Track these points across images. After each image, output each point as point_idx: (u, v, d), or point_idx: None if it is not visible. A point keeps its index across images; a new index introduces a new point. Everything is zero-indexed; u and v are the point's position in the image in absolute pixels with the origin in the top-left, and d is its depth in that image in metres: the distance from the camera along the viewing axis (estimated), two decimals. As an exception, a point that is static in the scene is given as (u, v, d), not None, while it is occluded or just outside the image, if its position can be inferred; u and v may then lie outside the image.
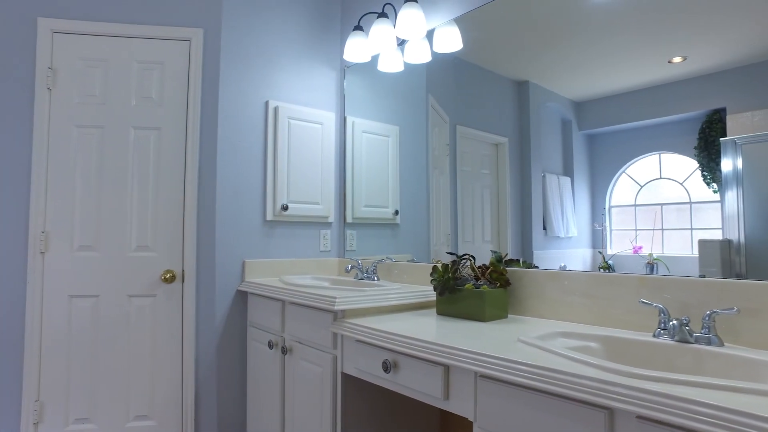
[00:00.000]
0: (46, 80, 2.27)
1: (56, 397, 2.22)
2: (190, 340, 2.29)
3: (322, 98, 2.70)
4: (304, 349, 1.93)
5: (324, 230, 2.67)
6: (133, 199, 2.31)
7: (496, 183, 1.93)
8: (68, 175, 2.28)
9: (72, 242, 2.27)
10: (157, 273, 2.30)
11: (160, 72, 2.36)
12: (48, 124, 2.27)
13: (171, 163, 2.34)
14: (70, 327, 2.25)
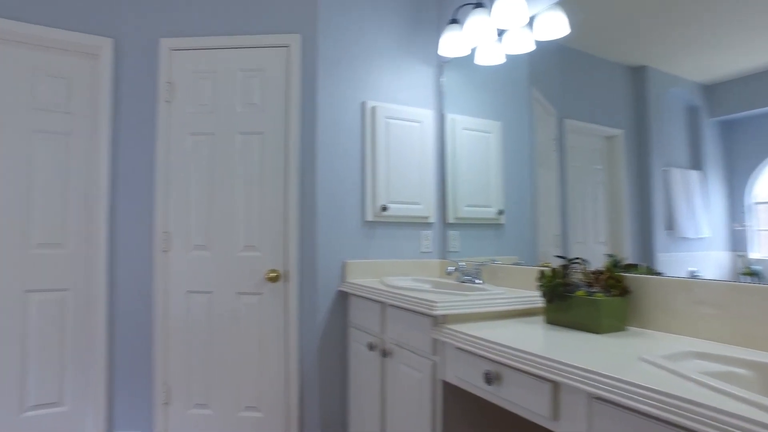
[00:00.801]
0: (165, 94, 2.47)
1: (180, 382, 2.42)
2: (293, 338, 2.36)
3: (419, 96, 2.65)
4: (404, 353, 1.90)
5: (424, 231, 2.62)
6: (241, 201, 2.44)
7: (610, 179, 1.75)
8: (184, 180, 2.46)
9: (189, 242, 2.45)
10: (262, 272, 2.41)
11: (261, 78, 2.46)
12: (168, 133, 2.47)
13: (274, 166, 2.43)
14: (189, 320, 2.43)
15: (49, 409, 2.37)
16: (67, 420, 2.40)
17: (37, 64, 2.41)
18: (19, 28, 2.31)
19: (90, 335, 2.45)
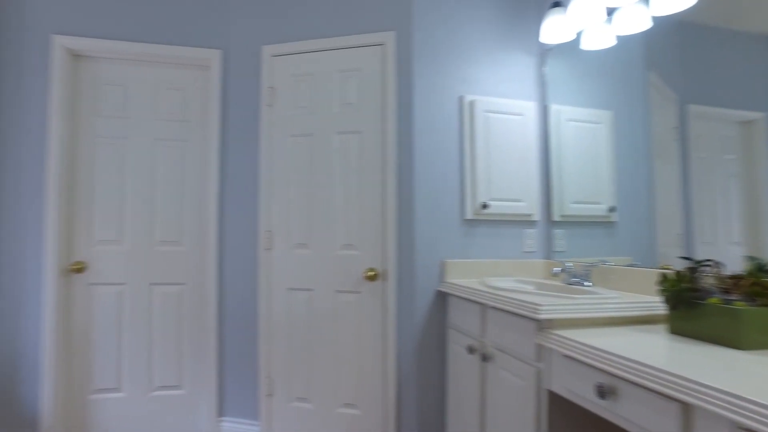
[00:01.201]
0: (267, 98, 2.58)
1: (282, 376, 2.51)
2: (391, 337, 2.35)
3: (519, 88, 2.51)
4: (506, 359, 1.80)
5: (527, 229, 2.48)
6: (339, 200, 2.47)
7: (747, 171, 1.52)
8: (285, 180, 2.55)
9: (290, 240, 2.54)
10: (360, 271, 2.43)
11: (357, 78, 2.48)
12: (270, 136, 2.58)
13: (371, 165, 2.44)
14: (290, 316, 2.52)
15: (170, 391, 2.59)
16: (185, 402, 2.60)
17: (159, 80, 2.64)
18: (146, 49, 2.54)
19: (203, 327, 2.64)
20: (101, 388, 2.54)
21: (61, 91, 2.46)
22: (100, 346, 2.54)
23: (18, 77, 2.43)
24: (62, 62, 2.48)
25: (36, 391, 2.40)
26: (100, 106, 2.59)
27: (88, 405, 2.52)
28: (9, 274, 2.40)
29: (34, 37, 2.45)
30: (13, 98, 2.42)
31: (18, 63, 2.43)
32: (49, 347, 2.41)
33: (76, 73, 2.57)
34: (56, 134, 2.45)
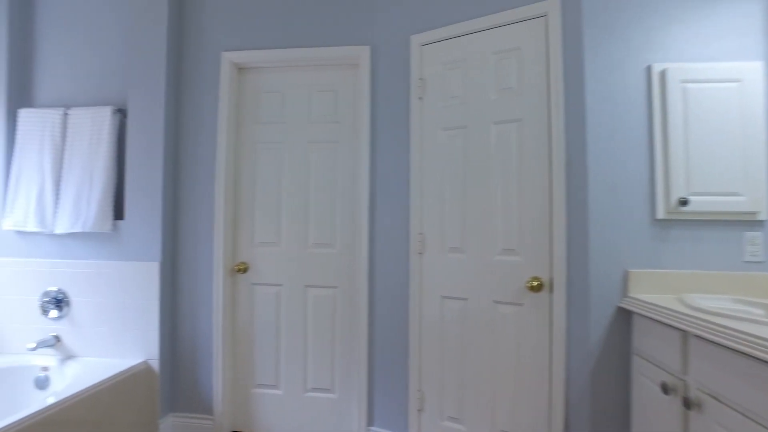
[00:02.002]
0: (417, 90, 2.40)
1: (433, 391, 2.31)
2: (558, 360, 1.98)
3: (737, 45, 1.92)
4: (725, 412, 1.33)
5: (750, 232, 1.88)
6: (497, 198, 2.18)
7: None
8: (437, 178, 2.34)
9: (443, 244, 2.32)
10: (522, 279, 2.10)
11: (516, 58, 2.15)
12: (420, 131, 2.40)
13: (534, 158, 2.09)
14: (443, 326, 2.30)
15: (323, 394, 2.57)
16: (336, 406, 2.56)
17: (312, 83, 2.65)
18: (299, 54, 2.57)
19: (354, 332, 2.57)
20: (261, 384, 2.63)
21: (227, 102, 2.62)
22: (260, 343, 2.63)
23: (196, 93, 2.64)
24: (229, 76, 2.63)
25: (210, 379, 2.57)
26: (260, 114, 2.69)
27: (252, 398, 2.63)
28: (188, 273, 2.61)
29: (208, 55, 2.64)
30: (192, 112, 2.64)
31: (196, 80, 2.64)
32: (219, 341, 2.56)
33: (241, 85, 2.71)
34: (223, 143, 2.60)
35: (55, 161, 2.56)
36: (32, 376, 2.42)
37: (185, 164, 2.64)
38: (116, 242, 2.54)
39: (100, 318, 2.52)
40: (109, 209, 2.51)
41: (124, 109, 2.61)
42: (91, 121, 2.55)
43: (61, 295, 2.53)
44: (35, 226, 2.53)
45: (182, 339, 2.61)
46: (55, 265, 2.56)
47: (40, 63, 2.71)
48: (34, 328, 2.57)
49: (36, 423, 1.78)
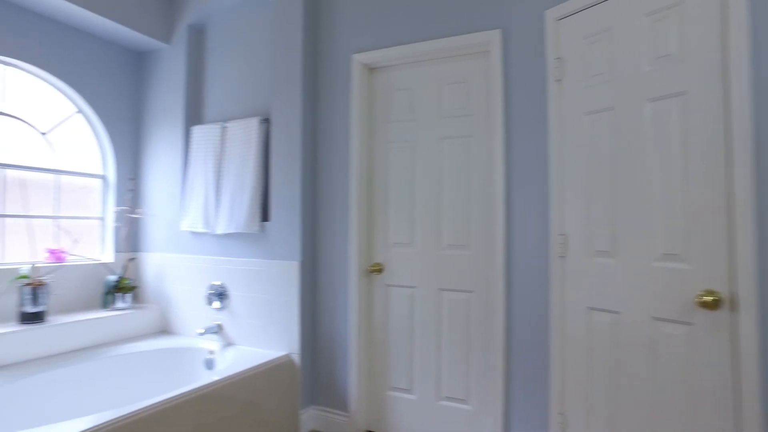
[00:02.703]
0: (555, 72, 2.11)
1: (578, 416, 2.00)
2: (750, 396, 1.53)
3: None
4: None
5: None
6: (655, 192, 1.78)
7: None
8: (581, 170, 2.02)
9: (589, 246, 1.99)
10: (690, 293, 1.68)
11: (677, 17, 1.73)
12: (559, 118, 2.10)
13: (704, 139, 1.66)
14: (589, 342, 1.97)
15: (457, 404, 2.42)
16: (470, 419, 2.39)
17: (441, 76, 2.52)
18: (428, 47, 2.46)
19: (489, 341, 2.37)
20: (395, 387, 2.59)
21: (359, 104, 2.64)
22: (395, 345, 2.60)
23: (330, 97, 2.72)
24: (359, 77, 2.64)
25: (346, 376, 2.63)
26: (391, 113, 2.66)
27: (386, 400, 2.61)
28: (326, 272, 2.71)
29: (340, 59, 2.70)
30: (328, 117, 2.73)
31: (330, 84, 2.72)
32: (354, 340, 2.60)
33: (372, 85, 2.71)
34: (356, 144, 2.63)
35: (216, 170, 2.88)
36: (202, 357, 2.76)
37: (322, 167, 2.74)
38: (263, 242, 2.75)
39: (252, 311, 2.75)
40: (256, 212, 2.72)
41: (270, 119, 2.81)
42: (242, 131, 2.81)
43: (222, 288, 2.84)
44: (202, 227, 2.87)
45: (321, 335, 2.71)
46: (217, 261, 2.87)
47: (208, 85, 3.08)
48: (201, 315, 2.93)
49: (203, 394, 2.12)
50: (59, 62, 2.80)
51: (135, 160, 3.24)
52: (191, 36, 3.08)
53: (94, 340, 2.68)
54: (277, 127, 2.74)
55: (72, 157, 2.98)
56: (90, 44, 2.96)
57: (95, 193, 3.10)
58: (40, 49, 2.71)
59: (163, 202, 3.13)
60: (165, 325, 3.07)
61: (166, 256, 3.08)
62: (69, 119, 2.96)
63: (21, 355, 2.37)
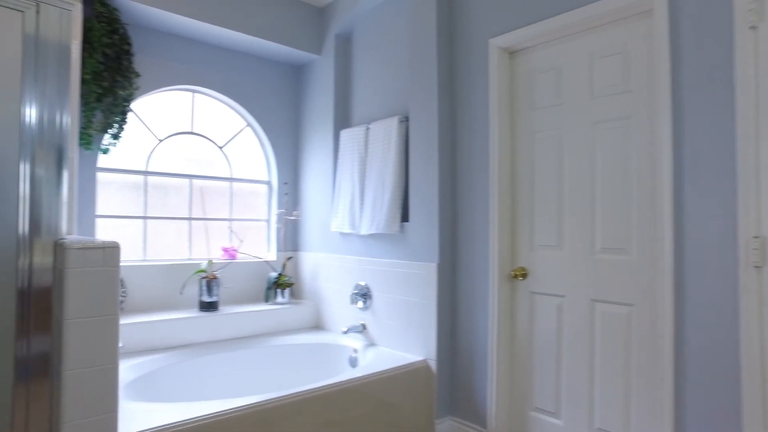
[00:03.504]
0: (748, 17, 1.60)
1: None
2: None
3: None
4: None
5: None
6: None
7: None
8: (782, 151, 1.49)
9: (795, 254, 1.46)
10: None
11: None
12: (755, 80, 1.59)
13: None
14: (800, 387, 1.44)
15: (622, 441, 2.02)
16: (636, 464, 1.97)
17: (592, 49, 2.15)
18: (573, 18, 2.12)
19: (653, 368, 1.92)
20: (539, 408, 2.28)
21: (498, 92, 2.41)
22: (540, 361, 2.29)
23: (466, 90, 2.54)
24: (498, 63, 2.41)
25: (485, 389, 2.42)
26: (534, 98, 2.36)
27: (528, 421, 2.32)
28: (465, 276, 2.53)
29: (477, 46, 2.50)
30: (465, 111, 2.56)
31: (466, 76, 2.54)
32: (494, 351, 2.37)
33: (512, 71, 2.45)
34: (495, 137, 2.40)
35: (361, 171, 2.93)
36: (347, 355, 2.84)
37: (461, 164, 2.57)
38: (403, 243, 2.70)
39: (392, 313, 2.72)
40: (396, 212, 2.69)
41: (408, 117, 2.75)
42: (383, 132, 2.80)
43: (366, 289, 2.88)
44: (348, 228, 2.95)
45: (460, 343, 2.54)
46: (362, 262, 2.92)
47: (355, 89, 3.17)
48: (347, 314, 3.02)
49: (344, 389, 2.21)
50: (231, 84, 3.18)
51: (294, 165, 3.52)
52: (338, 44, 3.21)
53: (256, 330, 2.96)
54: (414, 125, 2.67)
55: (243, 166, 3.36)
56: (255, 65, 3.30)
57: (262, 198, 3.45)
58: (218, 76, 3.12)
59: (317, 204, 3.32)
60: (318, 321, 3.25)
61: (319, 255, 3.26)
62: (240, 133, 3.35)
63: (199, 338, 2.74)
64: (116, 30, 2.50)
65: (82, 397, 1.50)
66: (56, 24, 1.67)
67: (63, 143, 1.68)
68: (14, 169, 1.59)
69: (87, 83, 2.40)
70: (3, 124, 1.57)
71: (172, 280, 2.87)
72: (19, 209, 1.59)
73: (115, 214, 2.80)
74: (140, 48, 2.75)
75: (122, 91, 2.55)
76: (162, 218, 2.98)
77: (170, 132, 3.03)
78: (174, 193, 3.04)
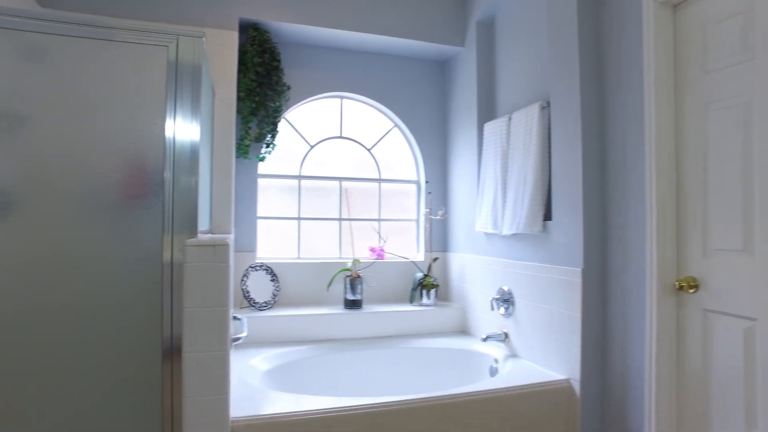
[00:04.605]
0: None
1: None
2: None
3: None
4: None
5: None
6: None
7: None
8: None
9: None
10: None
11: None
12: None
13: None
14: None
15: None
16: None
17: None
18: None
19: None
20: (719, 463, 1.74)
21: (656, 55, 1.92)
22: (719, 399, 1.75)
23: (617, 58, 2.09)
24: (656, 19, 1.92)
25: (642, 427, 1.95)
26: (708, 58, 1.82)
27: (708, 480, 1.79)
28: (618, 285, 2.10)
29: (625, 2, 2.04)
30: (616, 87, 2.12)
31: (616, 41, 2.10)
32: (651, 380, 1.90)
33: (674, 27, 1.93)
34: (654, 113, 1.93)
35: (503, 166, 2.68)
36: (487, 364, 2.63)
37: (611, 151, 2.14)
38: (545, 244, 2.38)
39: (534, 322, 2.42)
40: (538, 209, 2.38)
41: (549, 102, 2.41)
42: (524, 121, 2.52)
43: (509, 294, 2.62)
44: (491, 228, 2.73)
45: (611, 365, 2.11)
46: (505, 264, 2.67)
47: (498, 78, 2.92)
48: (489, 320, 2.79)
49: (481, 398, 2.07)
50: (376, 87, 3.25)
51: (442, 163, 3.41)
52: (480, 32, 3.00)
53: (397, 330, 2.95)
54: (555, 109, 2.32)
55: (391, 167, 3.39)
56: (398, 65, 3.31)
57: (411, 198, 3.43)
58: (363, 80, 3.22)
59: (463, 203, 3.17)
60: (464, 325, 3.09)
61: (465, 256, 3.10)
62: (387, 134, 3.39)
63: (343, 334, 2.85)
64: (266, 49, 2.77)
65: (198, 377, 1.67)
66: (190, 50, 1.91)
67: (195, 151, 1.90)
68: (160, 176, 1.87)
69: (242, 100, 2.71)
70: (151, 137, 1.85)
71: (322, 277, 3.05)
72: (164, 211, 1.86)
73: (273, 215, 3.11)
74: (289, 62, 3.00)
75: (272, 103, 2.81)
76: (314, 219, 3.21)
77: (321, 137, 3.23)
78: (325, 195, 3.24)
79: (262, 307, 2.82)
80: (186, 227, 1.88)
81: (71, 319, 1.76)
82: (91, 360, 1.77)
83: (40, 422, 1.72)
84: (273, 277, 2.91)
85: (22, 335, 1.71)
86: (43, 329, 1.73)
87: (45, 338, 1.73)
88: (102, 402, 1.77)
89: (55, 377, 1.73)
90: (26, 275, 1.73)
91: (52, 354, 1.73)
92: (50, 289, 1.75)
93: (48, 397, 1.72)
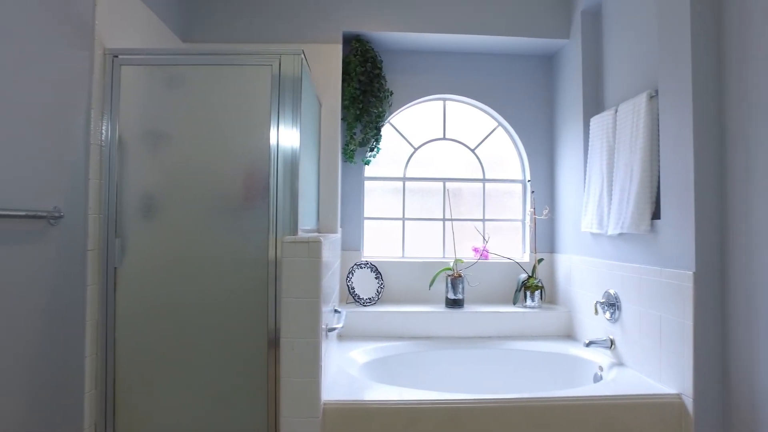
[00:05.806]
0: None
1: None
2: None
3: None
4: None
5: None
6: None
7: None
8: None
9: None
10: None
11: None
12: None
13: None
14: None
15: None
16: None
17: None
18: None
19: None
20: None
21: (783, 30, 1.68)
22: None
23: (739, 26, 1.86)
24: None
25: (769, 458, 1.70)
26: None
27: None
28: (739, 290, 1.85)
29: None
30: (737, 62, 1.87)
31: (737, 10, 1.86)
32: (779, 403, 1.66)
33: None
34: (779, 94, 1.68)
35: (609, 161, 2.52)
36: (591, 371, 2.48)
37: (732, 140, 1.90)
38: (653, 245, 2.18)
39: (642, 329, 2.23)
40: (645, 207, 2.20)
41: (658, 90, 2.21)
42: (631, 112, 2.34)
43: (615, 298, 2.44)
44: (596, 228, 2.58)
45: (736, 383, 1.86)
46: (610, 267, 2.50)
47: (605, 69, 2.74)
48: (594, 324, 2.62)
49: (578, 405, 1.99)
50: (478, 87, 3.24)
51: (548, 162, 3.28)
52: (585, 22, 2.84)
53: (499, 332, 2.91)
54: (664, 97, 2.13)
55: (496, 166, 3.36)
56: (501, 63, 3.26)
57: (516, 198, 3.36)
58: (465, 81, 3.24)
59: (569, 202, 3.02)
60: (569, 329, 2.94)
61: (572, 258, 2.95)
62: (491, 134, 3.36)
63: (444, 332, 2.90)
64: (368, 59, 2.94)
65: (292, 361, 1.86)
66: (291, 66, 2.14)
67: (296, 157, 2.12)
68: (267, 180, 2.12)
69: (346, 107, 2.91)
70: (261, 146, 2.11)
71: (425, 276, 3.13)
72: (269, 212, 2.11)
73: (379, 216, 3.27)
74: (391, 68, 3.14)
75: (375, 109, 2.97)
76: (418, 219, 3.30)
77: (425, 139, 3.32)
78: (429, 196, 3.32)
79: (366, 303, 2.99)
80: (288, 227, 2.10)
81: (201, 313, 2.10)
82: (215, 348, 2.08)
83: (175, 398, 2.07)
84: (377, 275, 3.07)
85: (164, 326, 2.08)
86: (181, 321, 2.09)
87: (182, 329, 2.09)
88: (220, 384, 2.08)
89: (188, 363, 2.08)
90: (169, 273, 2.10)
91: (187, 343, 2.09)
92: (187, 285, 2.10)
93: (183, 376, 2.07)
